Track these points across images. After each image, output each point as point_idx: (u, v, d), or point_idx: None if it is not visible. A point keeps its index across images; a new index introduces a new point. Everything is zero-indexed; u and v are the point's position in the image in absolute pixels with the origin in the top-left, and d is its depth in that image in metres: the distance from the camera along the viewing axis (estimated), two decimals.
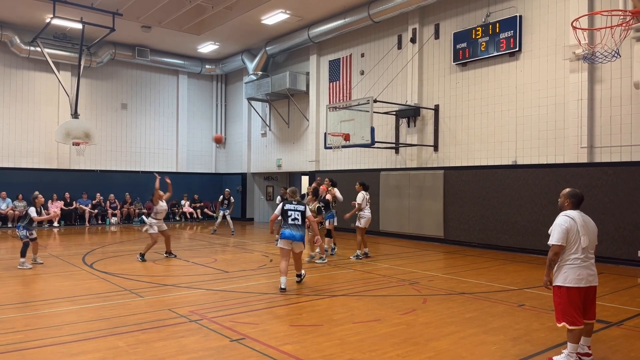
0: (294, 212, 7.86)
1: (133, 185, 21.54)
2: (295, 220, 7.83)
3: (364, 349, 5.07)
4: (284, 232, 7.86)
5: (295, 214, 7.85)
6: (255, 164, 22.93)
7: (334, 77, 18.48)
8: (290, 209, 7.88)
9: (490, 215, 13.27)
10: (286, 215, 7.88)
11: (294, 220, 7.83)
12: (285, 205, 7.94)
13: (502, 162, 13.21)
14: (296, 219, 7.84)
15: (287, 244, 7.86)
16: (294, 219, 7.84)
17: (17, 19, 17.95)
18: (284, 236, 7.84)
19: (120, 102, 21.75)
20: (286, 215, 7.88)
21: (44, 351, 4.98)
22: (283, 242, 7.88)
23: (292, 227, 7.83)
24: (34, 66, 19.50)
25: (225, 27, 18.39)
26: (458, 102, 14.36)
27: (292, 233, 7.78)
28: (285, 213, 7.89)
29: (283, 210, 7.92)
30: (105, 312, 6.52)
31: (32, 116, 19.59)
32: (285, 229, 7.86)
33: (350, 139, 13.86)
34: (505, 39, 13.02)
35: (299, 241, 7.86)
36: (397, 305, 6.94)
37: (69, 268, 9.89)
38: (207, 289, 8.02)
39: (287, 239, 7.81)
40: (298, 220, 7.85)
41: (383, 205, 16.06)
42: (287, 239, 7.81)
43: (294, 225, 7.84)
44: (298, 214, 7.86)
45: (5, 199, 18.41)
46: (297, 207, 7.91)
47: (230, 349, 5.07)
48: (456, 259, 11.81)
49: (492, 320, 6.22)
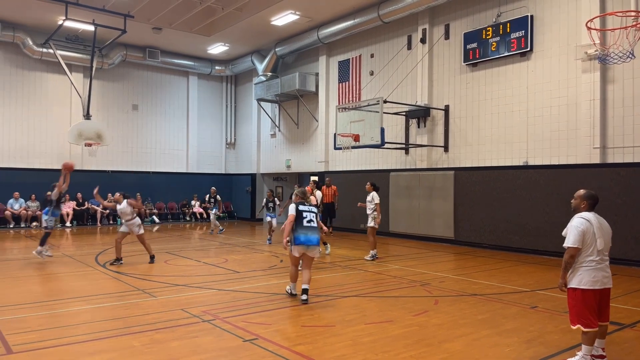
0: (308, 213, 7.21)
1: (144, 185, 21.68)
2: (310, 222, 7.13)
3: (376, 350, 5.08)
4: (298, 237, 7.02)
5: (310, 215, 7.19)
6: (264, 164, 23.00)
7: (343, 77, 18.49)
8: (305, 210, 7.22)
9: (501, 216, 13.21)
10: (301, 217, 7.11)
11: (310, 222, 7.12)
12: (299, 207, 7.24)
13: (513, 162, 13.14)
14: (312, 220, 7.16)
15: (301, 250, 7.12)
16: (310, 220, 7.14)
17: (30, 21, 18.15)
18: (299, 241, 7.02)
19: (131, 103, 21.92)
20: (301, 217, 7.11)
21: (60, 350, 5.04)
22: (298, 249, 7.10)
23: (308, 229, 7.08)
24: (47, 68, 19.70)
25: (235, 28, 18.47)
26: (468, 102, 14.31)
27: (307, 237, 7.02)
28: (300, 214, 7.13)
29: (298, 211, 7.17)
30: (119, 311, 6.58)
31: (45, 117, 19.80)
32: (300, 234, 7.04)
33: (360, 139, 13.86)
34: (516, 38, 12.96)
35: (315, 245, 7.11)
36: (409, 307, 6.94)
37: (83, 268, 9.99)
38: (218, 289, 8.07)
39: (302, 244, 7.03)
40: (313, 222, 7.16)
41: (393, 206, 16.04)
42: (302, 244, 7.03)
43: (309, 227, 7.10)
44: (313, 215, 7.24)
45: (18, 199, 18.61)
46: (310, 209, 7.33)
47: (244, 349, 5.10)
48: (467, 260, 11.77)
49: (505, 322, 6.20)
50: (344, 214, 16.78)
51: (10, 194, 18.50)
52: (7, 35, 18.23)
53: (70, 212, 19.36)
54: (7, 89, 19.03)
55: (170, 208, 22.61)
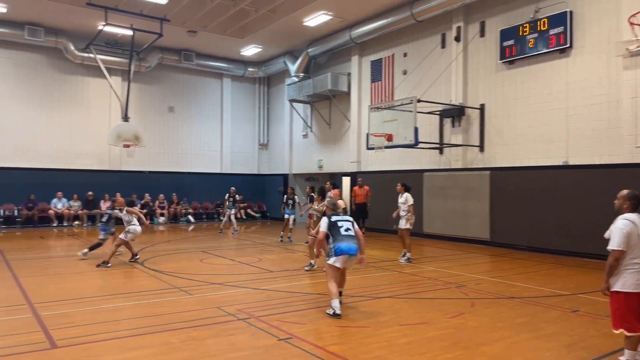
0: (344, 222, 6.74)
1: (179, 185, 22.17)
2: (348, 231, 6.66)
3: (412, 352, 5.04)
4: (339, 246, 6.51)
5: (346, 224, 6.73)
6: (296, 165, 23.12)
7: (376, 77, 18.40)
8: (340, 220, 6.76)
9: (539, 218, 12.87)
10: (336, 227, 6.68)
11: (347, 230, 6.66)
12: (332, 217, 6.79)
13: (552, 162, 12.79)
14: (349, 229, 6.69)
15: (343, 260, 6.57)
16: (347, 229, 6.68)
17: (71, 27, 18.79)
18: (340, 251, 6.50)
19: (167, 105, 22.42)
20: (336, 227, 6.68)
21: (103, 345, 5.20)
22: (340, 259, 6.54)
23: (348, 238, 6.59)
24: (87, 72, 20.35)
25: (267, 30, 18.65)
26: (505, 101, 14.01)
27: (349, 245, 6.53)
28: (335, 225, 6.69)
29: (331, 223, 6.72)
30: (157, 309, 6.74)
31: (86, 120, 20.46)
32: (341, 243, 6.54)
33: (393, 139, 13.76)
34: (554, 35, 12.61)
35: (355, 255, 6.62)
36: (445, 308, 6.85)
37: (123, 266, 10.27)
38: (253, 288, 8.15)
39: (344, 253, 6.50)
40: (351, 230, 6.70)
41: (427, 207, 15.85)
42: (344, 253, 6.50)
43: (348, 236, 6.61)
44: (349, 223, 6.77)
45: (61, 199, 19.30)
46: (345, 218, 6.86)
47: (279, 348, 5.14)
48: (504, 262, 11.53)
49: (545, 326, 6.04)
50: (377, 214, 16.67)
51: (54, 193, 19.21)
52: (50, 41, 18.93)
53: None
54: (50, 92, 19.76)
55: (205, 208, 23.00)
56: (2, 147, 18.74)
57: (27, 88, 19.30)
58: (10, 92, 18.99)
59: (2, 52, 18.77)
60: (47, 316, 6.25)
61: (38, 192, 18.94)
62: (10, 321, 6.08)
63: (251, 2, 16.50)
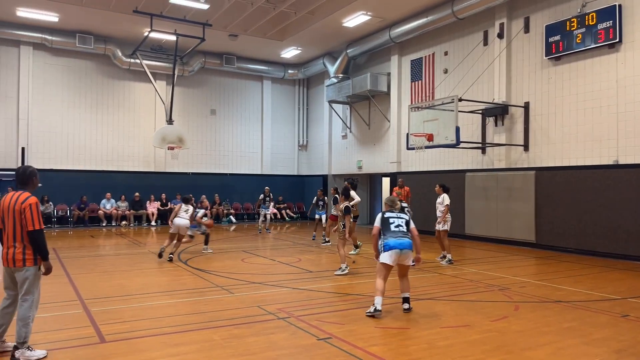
0: (396, 219, 6.74)
1: (221, 187, 22.63)
2: (399, 227, 6.65)
3: (453, 355, 4.96)
4: (387, 242, 6.53)
5: (398, 221, 6.72)
6: (336, 165, 23.14)
7: (416, 76, 18.20)
8: (392, 217, 6.76)
9: (588, 219, 12.39)
10: (387, 223, 6.69)
11: (398, 227, 6.66)
12: (385, 214, 6.82)
13: (602, 161, 12.28)
14: (400, 225, 6.68)
15: (393, 257, 6.49)
16: (398, 225, 6.67)
17: (119, 34, 19.52)
18: (388, 246, 6.48)
19: (209, 108, 22.94)
20: (387, 223, 6.69)
21: (148, 341, 5.38)
22: (388, 256, 6.48)
23: (397, 233, 6.60)
24: (134, 77, 21.09)
25: (307, 31, 18.77)
26: (551, 98, 13.57)
27: (398, 241, 6.51)
28: (387, 221, 6.71)
29: (383, 219, 6.76)
30: (200, 306, 6.91)
31: (133, 123, 21.20)
32: (389, 239, 6.55)
33: (434, 139, 13.56)
34: (603, 29, 12.11)
35: (408, 249, 6.55)
36: (487, 311, 6.70)
37: (167, 264, 10.58)
38: (293, 288, 8.23)
39: (393, 248, 6.46)
40: (402, 227, 6.67)
41: (469, 208, 15.54)
42: (393, 248, 6.46)
43: (398, 232, 6.61)
44: (402, 220, 6.75)
45: (110, 200, 20.06)
46: (399, 215, 6.82)
47: (318, 348, 5.17)
48: (550, 264, 11.16)
49: (594, 331, 5.82)
50: (417, 215, 16.45)
51: (103, 194, 19.99)
52: (99, 48, 19.74)
53: (155, 212, 20.56)
54: (100, 97, 20.59)
55: (246, 208, 23.37)
56: (57, 150, 19.68)
57: (78, 93, 20.19)
58: (64, 98, 19.92)
59: (56, 60, 19.71)
60: (96, 312, 6.52)
61: (89, 193, 19.78)
62: (63, 316, 6.38)
63: (290, 5, 16.66)
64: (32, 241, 4.82)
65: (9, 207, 4.84)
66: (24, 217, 4.78)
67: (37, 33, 18.72)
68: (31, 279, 4.84)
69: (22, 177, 5.00)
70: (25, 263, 4.81)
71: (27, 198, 4.84)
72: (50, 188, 19.16)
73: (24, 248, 4.82)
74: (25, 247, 4.82)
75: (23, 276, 4.82)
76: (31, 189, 5.02)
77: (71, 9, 16.75)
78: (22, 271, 4.82)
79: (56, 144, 19.70)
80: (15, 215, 4.80)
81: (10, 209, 4.82)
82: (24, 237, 4.81)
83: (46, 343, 5.14)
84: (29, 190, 4.97)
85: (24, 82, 19.06)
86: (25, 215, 4.77)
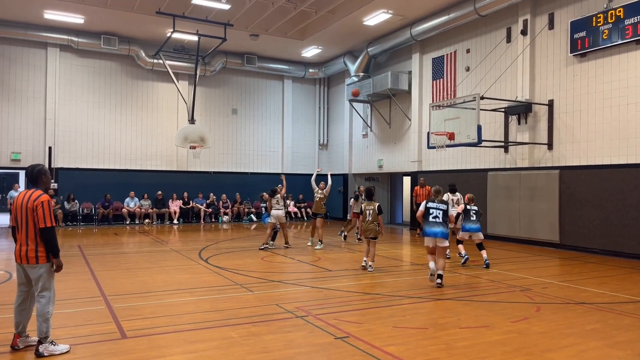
0: (435, 209, 8.32)
1: (243, 185, 22.80)
2: (436, 218, 8.27)
3: (472, 356, 4.90)
4: (424, 230, 8.42)
5: (436, 212, 8.30)
6: (356, 164, 23.08)
7: (437, 74, 18.02)
8: (432, 207, 8.36)
9: (614, 219, 12.09)
10: (428, 213, 8.35)
11: (435, 217, 8.28)
12: (428, 204, 8.45)
13: (629, 160, 11.97)
14: (437, 216, 8.28)
15: (431, 241, 8.29)
16: (435, 216, 8.28)
17: (142, 35, 19.84)
18: (424, 234, 8.40)
19: (231, 107, 23.13)
20: (428, 213, 8.35)
21: (167, 337, 5.46)
22: (426, 240, 8.39)
23: (433, 224, 8.25)
24: (157, 77, 21.40)
25: (327, 30, 18.76)
26: (576, 96, 13.28)
27: (432, 230, 8.24)
28: (428, 211, 8.36)
29: (426, 208, 8.41)
30: (219, 304, 6.98)
31: (156, 123, 21.53)
32: (426, 227, 8.36)
33: (455, 137, 13.40)
34: (631, 25, 11.78)
35: (440, 237, 8.19)
36: (508, 312, 6.60)
37: (187, 262, 10.72)
38: (311, 287, 8.24)
39: (428, 236, 8.31)
40: (439, 218, 8.26)
41: (491, 207, 15.33)
42: (428, 236, 8.31)
43: (434, 222, 8.26)
44: (439, 212, 8.29)
45: (133, 198, 20.40)
46: (438, 206, 8.36)
47: (336, 347, 5.17)
48: (574, 265, 10.93)
49: (618, 334, 5.68)
50: None
51: (127, 193, 20.35)
52: (123, 49, 20.10)
53: (177, 211, 20.84)
54: (123, 97, 20.96)
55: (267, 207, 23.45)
56: (82, 149, 20.11)
57: (103, 94, 20.59)
58: (89, 98, 20.33)
59: (82, 61, 20.14)
60: (118, 308, 6.64)
61: (113, 192, 20.14)
62: (87, 312, 6.51)
63: (311, 4, 16.68)
64: (44, 238, 4.92)
65: (21, 205, 4.94)
66: (36, 215, 4.88)
67: (64, 35, 19.16)
68: (45, 276, 4.96)
69: (31, 175, 5.09)
70: (38, 260, 4.92)
71: (39, 196, 4.94)
72: (76, 186, 19.61)
73: (36, 245, 4.92)
74: (38, 244, 4.92)
75: (37, 273, 4.94)
76: (43, 187, 5.10)
77: (96, 10, 17.09)
78: (35, 268, 4.93)
79: (82, 143, 20.13)
80: (28, 213, 4.90)
81: (23, 207, 4.92)
82: (37, 234, 4.91)
83: (69, 338, 5.26)
84: (40, 188, 5.07)
85: (50, 83, 19.53)
86: (37, 212, 4.87)
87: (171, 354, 4.92)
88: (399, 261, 11.54)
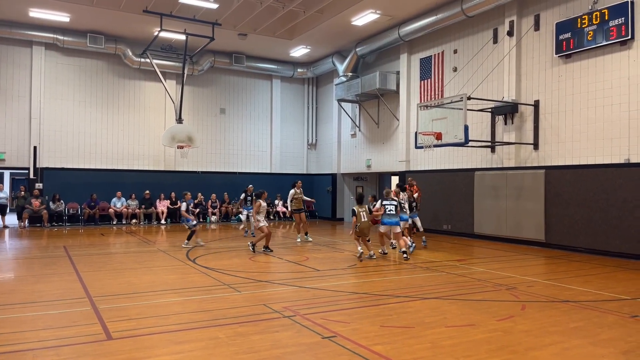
0: (389, 205, 11.27)
1: (231, 185, 22.70)
2: (390, 212, 11.21)
3: (457, 354, 4.94)
4: (383, 220, 11.32)
5: (390, 207, 11.26)
6: (345, 164, 23.13)
7: (425, 75, 18.12)
8: (387, 204, 11.28)
9: (598, 219, 12.26)
10: (385, 209, 11.27)
11: (390, 211, 11.22)
12: (383, 202, 11.35)
13: (613, 160, 12.15)
14: (391, 210, 11.22)
15: (387, 229, 11.49)
16: (390, 210, 11.22)
17: (129, 33, 19.68)
18: (383, 223, 11.36)
19: (219, 107, 23.04)
20: (385, 209, 11.27)
21: (153, 338, 5.43)
22: (383, 228, 11.48)
23: (389, 216, 11.21)
24: (144, 76, 21.25)
25: (316, 30, 18.77)
26: (561, 96, 13.44)
27: (389, 220, 11.22)
28: (385, 207, 11.27)
29: (382, 205, 11.35)
30: (206, 304, 6.95)
31: (143, 122, 21.37)
32: (384, 219, 11.28)
33: (443, 137, 13.49)
34: (615, 26, 11.96)
35: (394, 225, 11.25)
36: (493, 311, 6.66)
37: (175, 262, 10.66)
38: (299, 287, 8.24)
39: (385, 225, 11.34)
40: (392, 211, 11.21)
41: (478, 207, 15.45)
42: (385, 225, 11.34)
43: (390, 214, 11.22)
44: (392, 207, 11.25)
45: (120, 198, 20.23)
46: (391, 202, 11.29)
47: (322, 346, 5.18)
48: (559, 264, 11.07)
49: (601, 332, 5.76)
50: (426, 214, 16.42)
51: (114, 193, 20.17)
52: (110, 48, 19.92)
53: (165, 211, 20.70)
54: (110, 96, 20.78)
55: None
56: (68, 149, 19.90)
57: (89, 93, 20.40)
58: (75, 97, 20.13)
59: (68, 59, 19.93)
60: (104, 309, 6.58)
61: (100, 192, 19.95)
62: (72, 313, 6.45)
63: (299, 4, 16.67)
64: None
65: None
66: None
67: (49, 33, 18.94)
68: None
69: None
70: None
71: None
72: (62, 186, 19.40)
73: None
74: None
75: None
76: None
77: (82, 9, 16.92)
78: None
79: (67, 143, 19.92)
80: None
81: None
82: None
83: (54, 339, 5.21)
84: None
85: (36, 81, 19.30)
86: None
87: (157, 354, 4.90)
88: (386, 260, 11.59)
